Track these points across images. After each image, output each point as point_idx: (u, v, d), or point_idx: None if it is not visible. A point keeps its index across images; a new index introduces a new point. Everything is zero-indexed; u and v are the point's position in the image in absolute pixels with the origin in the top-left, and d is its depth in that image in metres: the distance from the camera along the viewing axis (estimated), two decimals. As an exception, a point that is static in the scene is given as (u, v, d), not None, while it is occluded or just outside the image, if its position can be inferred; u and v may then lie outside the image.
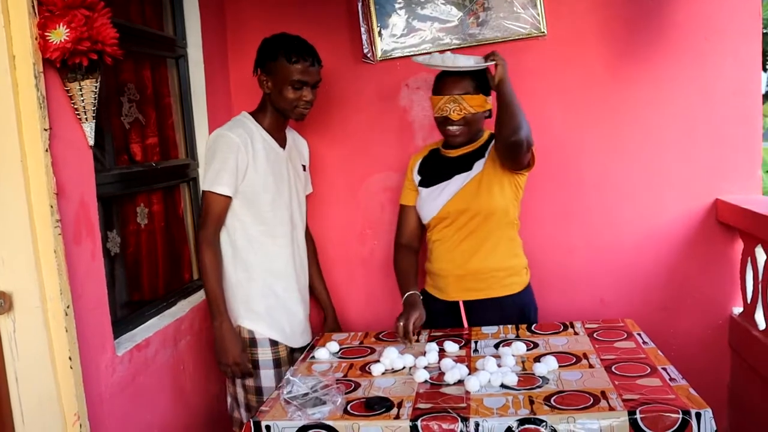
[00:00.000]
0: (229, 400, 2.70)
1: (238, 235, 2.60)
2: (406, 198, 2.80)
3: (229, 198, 2.54)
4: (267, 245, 2.63)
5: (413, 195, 2.77)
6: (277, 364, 2.62)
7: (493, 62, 2.51)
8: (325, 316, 3.00)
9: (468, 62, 2.52)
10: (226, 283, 2.61)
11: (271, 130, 2.66)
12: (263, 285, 2.63)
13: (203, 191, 2.55)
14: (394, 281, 3.03)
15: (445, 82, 2.56)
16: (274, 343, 2.62)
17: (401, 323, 2.42)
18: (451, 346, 2.34)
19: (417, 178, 2.75)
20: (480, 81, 2.57)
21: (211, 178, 2.51)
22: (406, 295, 2.59)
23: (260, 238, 2.61)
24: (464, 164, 2.64)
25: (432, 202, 2.65)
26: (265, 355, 2.61)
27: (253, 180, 2.55)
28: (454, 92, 2.53)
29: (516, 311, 2.66)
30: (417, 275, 2.72)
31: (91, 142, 2.05)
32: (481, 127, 2.67)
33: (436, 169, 2.70)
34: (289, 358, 2.67)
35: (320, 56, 2.99)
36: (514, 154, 2.47)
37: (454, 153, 2.67)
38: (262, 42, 2.63)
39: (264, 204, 2.59)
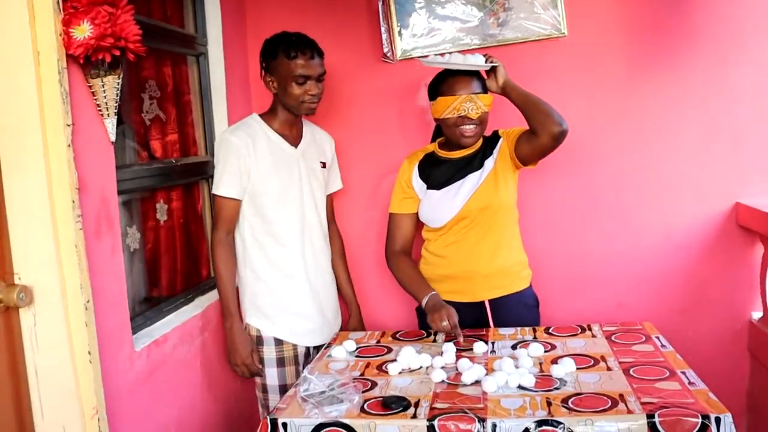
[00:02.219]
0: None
1: (246, 234, 2.64)
2: (401, 206, 2.74)
3: (237, 200, 2.58)
4: (272, 245, 2.65)
5: (409, 203, 2.72)
6: (281, 363, 2.64)
7: (497, 63, 2.56)
8: (349, 314, 2.97)
9: (478, 60, 2.52)
10: (237, 281, 2.67)
11: (282, 130, 2.67)
12: (269, 284, 2.65)
13: (212, 194, 2.61)
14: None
15: (458, 81, 2.55)
16: (279, 342, 2.64)
17: (445, 323, 2.36)
18: (479, 347, 2.32)
19: (421, 184, 2.70)
20: (483, 80, 2.60)
21: (216, 182, 2.57)
22: (429, 296, 2.51)
23: (266, 239, 2.64)
24: (472, 163, 2.64)
25: (449, 202, 2.62)
26: (269, 353, 2.64)
27: (255, 181, 2.58)
28: (470, 91, 2.53)
29: (532, 303, 2.72)
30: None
31: (113, 137, 2.06)
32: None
33: (442, 171, 2.67)
34: (299, 357, 2.68)
35: (339, 55, 2.99)
36: (559, 142, 2.50)
37: (457, 154, 2.66)
38: (263, 43, 2.64)
39: (267, 205, 2.61)
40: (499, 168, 2.61)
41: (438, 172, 2.67)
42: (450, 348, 2.30)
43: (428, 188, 2.67)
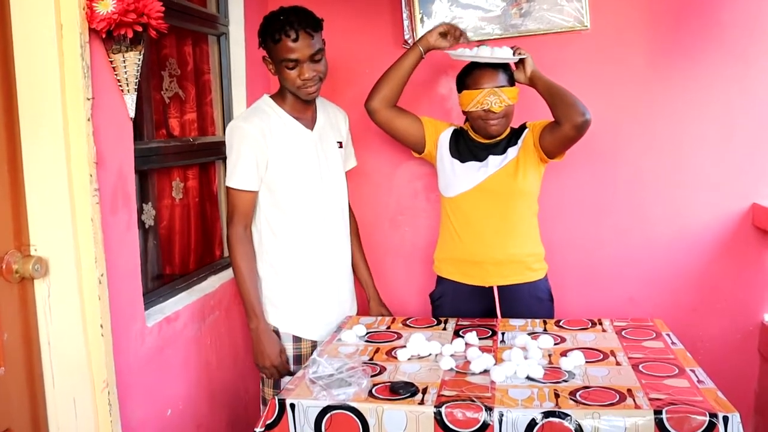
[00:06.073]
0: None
1: (263, 227, 2.51)
2: (428, 120, 2.76)
3: (253, 192, 2.44)
4: (292, 238, 2.52)
5: (431, 130, 2.74)
6: (298, 360, 2.54)
7: (525, 55, 2.59)
8: (367, 299, 2.87)
9: (505, 53, 2.54)
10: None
11: (294, 112, 2.51)
12: (288, 279, 2.53)
13: (226, 187, 2.46)
14: (422, 267, 3.08)
15: (482, 75, 2.56)
16: (297, 339, 2.54)
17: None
18: (473, 338, 2.32)
19: (446, 142, 2.73)
20: (510, 73, 2.62)
21: (230, 173, 2.41)
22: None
23: (284, 231, 2.51)
24: (496, 148, 2.67)
25: (466, 176, 2.66)
26: (287, 351, 2.53)
27: (274, 170, 2.44)
28: (494, 85, 2.54)
29: (545, 296, 2.72)
30: None
31: (132, 113, 2.07)
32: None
33: (467, 147, 2.70)
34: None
35: (360, 40, 2.97)
36: (582, 133, 2.50)
37: (483, 139, 2.69)
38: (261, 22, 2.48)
39: (286, 195, 2.48)
40: (522, 157, 2.63)
41: (463, 147, 2.71)
42: (459, 336, 2.31)
43: (452, 155, 2.71)
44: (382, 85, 2.66)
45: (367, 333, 2.46)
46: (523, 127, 2.71)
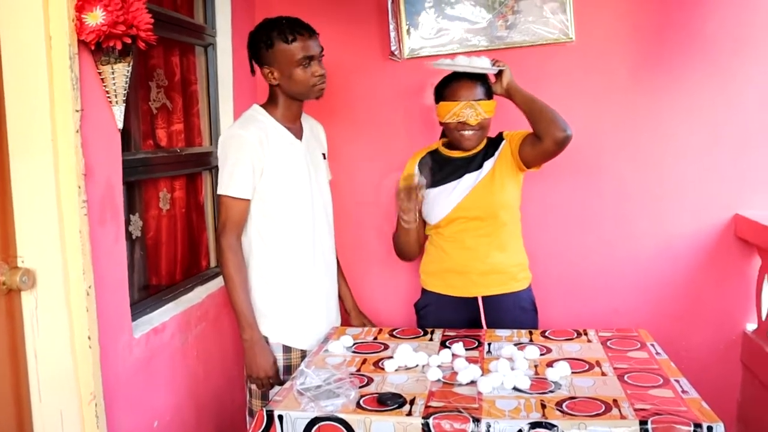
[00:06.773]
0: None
1: (253, 237, 2.48)
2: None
3: (247, 201, 2.41)
4: (282, 247, 2.49)
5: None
6: (288, 370, 2.51)
7: (503, 67, 2.57)
8: (347, 311, 2.85)
9: (483, 63, 2.55)
10: None
11: (285, 122, 2.51)
12: (278, 289, 2.51)
13: (219, 195, 2.41)
14: (409, 278, 3.08)
15: (460, 87, 2.57)
16: (287, 349, 2.52)
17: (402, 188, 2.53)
18: (459, 349, 2.33)
19: (419, 179, 2.68)
20: (488, 86, 2.62)
21: (226, 181, 2.37)
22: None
23: (275, 241, 2.48)
24: (472, 164, 2.66)
25: (443, 200, 2.65)
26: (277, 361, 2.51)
27: (269, 179, 2.42)
28: (471, 98, 2.55)
29: (529, 306, 2.72)
30: None
31: (120, 125, 2.07)
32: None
33: (441, 169, 2.69)
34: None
35: (347, 52, 2.98)
36: (562, 148, 2.50)
37: (459, 154, 2.69)
38: (250, 36, 2.49)
39: (278, 204, 2.46)
40: (498, 169, 2.63)
41: (437, 170, 2.69)
42: (446, 347, 2.31)
43: (426, 186, 2.67)
44: (403, 256, 2.80)
45: (354, 344, 2.45)
46: (500, 138, 2.69)
